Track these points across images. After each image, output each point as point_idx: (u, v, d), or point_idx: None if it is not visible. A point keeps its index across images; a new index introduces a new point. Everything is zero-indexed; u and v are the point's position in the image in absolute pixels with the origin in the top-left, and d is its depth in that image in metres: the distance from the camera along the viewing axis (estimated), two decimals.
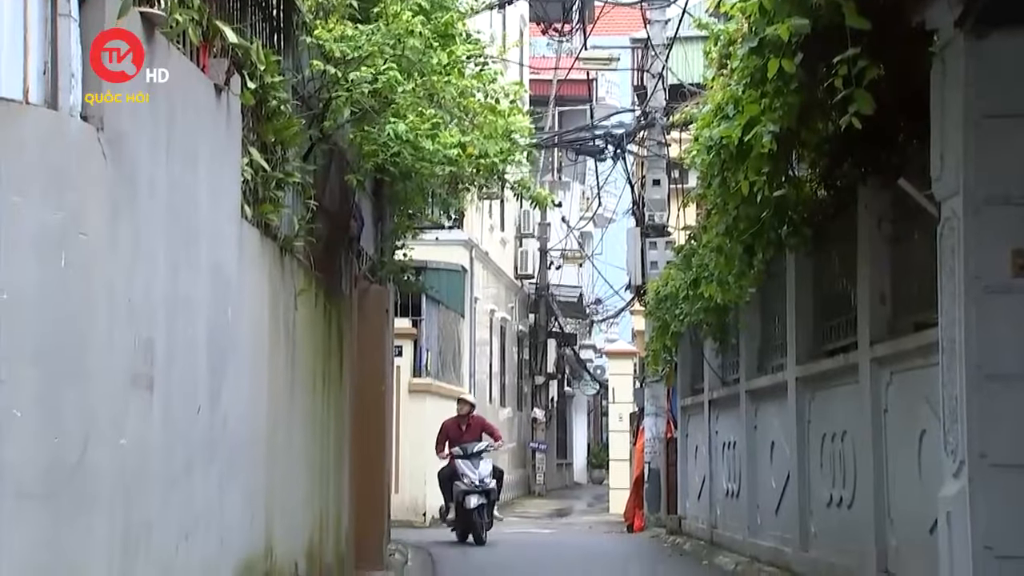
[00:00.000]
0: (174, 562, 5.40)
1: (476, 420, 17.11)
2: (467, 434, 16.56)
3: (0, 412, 4.01)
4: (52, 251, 4.24)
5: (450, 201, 13.86)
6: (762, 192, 8.50)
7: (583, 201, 36.10)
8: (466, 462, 15.99)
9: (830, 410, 9.88)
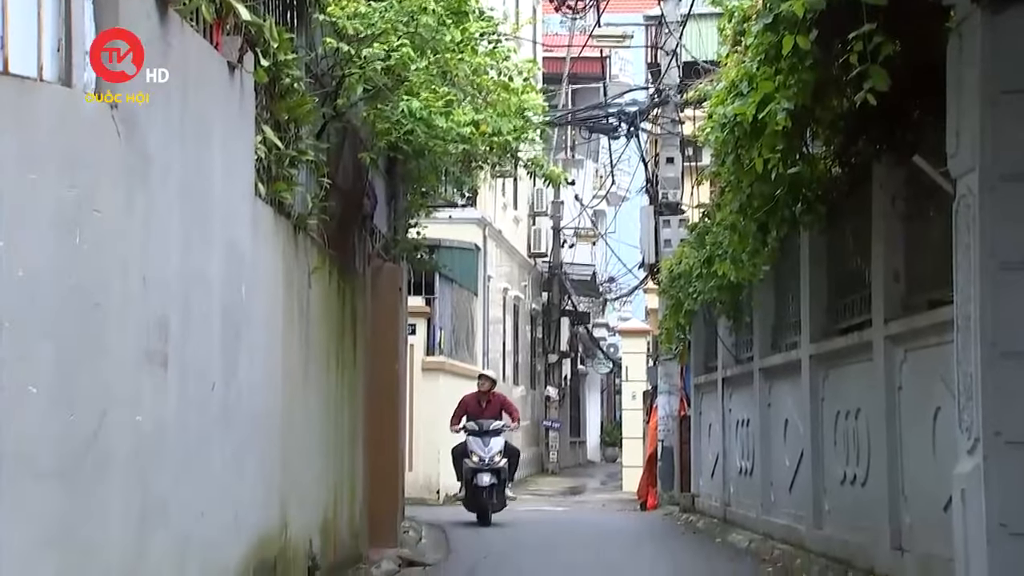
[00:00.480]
0: (190, 537, 5.43)
1: (496, 397, 16.55)
2: (486, 411, 16.03)
3: (16, 388, 4.02)
4: (67, 228, 4.25)
5: (463, 179, 13.85)
6: (776, 169, 8.46)
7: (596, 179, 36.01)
8: (477, 439, 15.55)
9: (844, 388, 9.86)
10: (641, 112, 20.42)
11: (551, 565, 10.73)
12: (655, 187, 20.00)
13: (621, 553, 11.96)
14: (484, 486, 15.18)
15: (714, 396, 15.46)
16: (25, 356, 4.05)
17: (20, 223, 4.09)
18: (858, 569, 8.97)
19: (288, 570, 7.28)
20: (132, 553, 4.73)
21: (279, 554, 7.10)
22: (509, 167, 13.43)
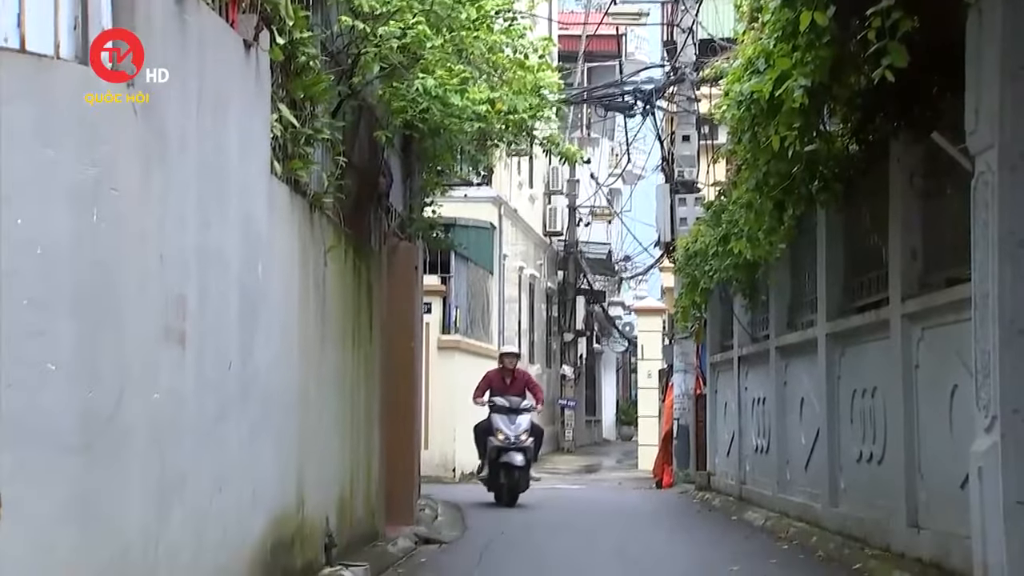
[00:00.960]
0: (208, 513, 5.46)
1: (521, 374, 15.94)
2: (511, 388, 15.36)
3: (36, 365, 4.05)
4: (85, 206, 4.27)
5: (479, 158, 13.84)
6: (793, 147, 8.43)
7: (612, 157, 35.96)
8: (503, 416, 14.81)
9: (860, 366, 9.85)
10: (657, 90, 20.35)
11: (567, 542, 10.75)
12: (671, 165, 19.96)
13: (637, 531, 11.99)
14: (517, 465, 14.56)
15: (730, 374, 15.46)
16: (45, 332, 4.07)
17: (38, 201, 4.11)
18: (874, 547, 8.98)
19: (305, 546, 7.32)
20: (151, 527, 4.77)
21: (296, 531, 7.14)
22: (525, 145, 13.39)
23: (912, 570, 7.84)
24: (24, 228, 4.06)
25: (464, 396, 20.57)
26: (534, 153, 22.01)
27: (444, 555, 9.92)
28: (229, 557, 5.80)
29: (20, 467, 3.97)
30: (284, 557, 6.83)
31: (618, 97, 21.14)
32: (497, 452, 14.63)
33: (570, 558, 9.76)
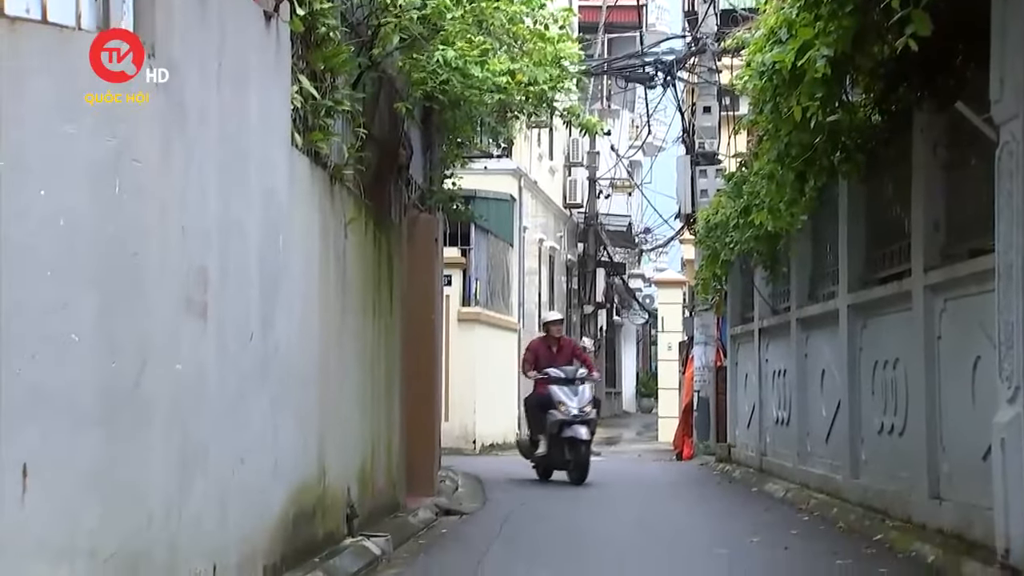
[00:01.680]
0: (230, 483, 5.49)
1: (567, 342, 15.14)
2: (558, 357, 14.42)
3: (59, 336, 4.07)
4: (106, 178, 4.28)
5: (499, 129, 13.79)
6: (815, 118, 8.37)
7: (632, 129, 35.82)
8: (563, 388, 13.68)
9: (882, 338, 9.81)
10: (678, 61, 20.24)
11: (588, 513, 10.78)
12: (692, 137, 19.87)
13: (657, 502, 12.02)
14: (583, 439, 13.41)
15: (750, 346, 15.43)
16: (67, 304, 4.09)
17: (60, 173, 4.12)
18: (895, 518, 8.97)
19: (326, 517, 7.36)
20: (174, 497, 4.80)
21: (317, 501, 7.18)
22: (545, 117, 13.36)
23: (933, 541, 7.83)
24: (46, 200, 4.08)
25: (485, 368, 20.65)
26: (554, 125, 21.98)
27: (465, 526, 9.97)
28: (251, 527, 5.83)
29: (44, 438, 4.00)
30: (306, 527, 6.87)
31: (638, 68, 21.04)
32: (559, 426, 13.46)
33: (590, 529, 9.79)
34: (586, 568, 7.63)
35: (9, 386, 3.95)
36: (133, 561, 4.37)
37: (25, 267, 4.02)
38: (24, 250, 4.02)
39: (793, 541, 8.92)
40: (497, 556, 8.12)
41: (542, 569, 7.53)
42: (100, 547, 4.15)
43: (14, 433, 3.94)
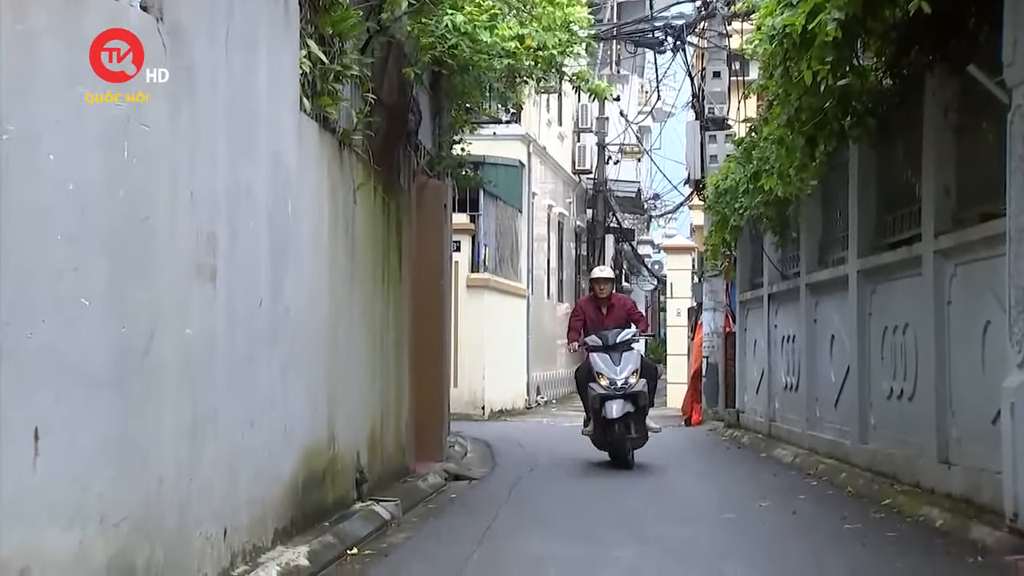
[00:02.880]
0: (240, 448, 5.52)
1: (619, 300, 13.00)
2: (609, 318, 12.48)
3: (71, 301, 4.07)
4: (116, 142, 4.27)
5: (508, 95, 13.77)
6: (825, 82, 8.33)
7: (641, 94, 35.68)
8: (603, 356, 11.91)
9: (892, 303, 9.80)
10: (688, 26, 20.14)
11: (596, 479, 10.82)
12: (701, 102, 19.79)
13: (666, 467, 12.04)
14: (614, 418, 11.58)
15: (760, 312, 15.42)
16: (78, 268, 4.09)
17: (69, 137, 4.11)
18: (904, 483, 8.99)
19: (336, 482, 7.40)
20: (185, 461, 4.82)
21: (327, 466, 7.21)
22: (554, 82, 13.31)
23: (942, 505, 7.85)
24: (56, 164, 4.07)
25: (494, 334, 20.68)
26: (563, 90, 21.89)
27: (473, 491, 10.01)
28: (262, 492, 5.86)
29: (56, 401, 4.01)
30: (316, 492, 6.90)
31: (648, 33, 20.94)
32: (601, 401, 11.72)
33: (599, 494, 9.82)
34: (594, 532, 7.67)
35: (20, 350, 3.95)
36: (144, 524, 4.40)
37: (36, 231, 4.02)
38: (34, 214, 4.02)
39: (801, 505, 8.95)
40: (506, 521, 8.16)
41: (550, 534, 7.56)
42: (111, 511, 4.17)
43: (26, 397, 3.95)
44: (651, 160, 33.90)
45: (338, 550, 6.55)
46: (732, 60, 19.51)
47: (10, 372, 3.94)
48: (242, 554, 5.52)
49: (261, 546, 5.81)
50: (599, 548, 7.02)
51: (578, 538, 7.44)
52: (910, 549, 6.89)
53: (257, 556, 5.71)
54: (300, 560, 5.94)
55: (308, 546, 6.19)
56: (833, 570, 6.32)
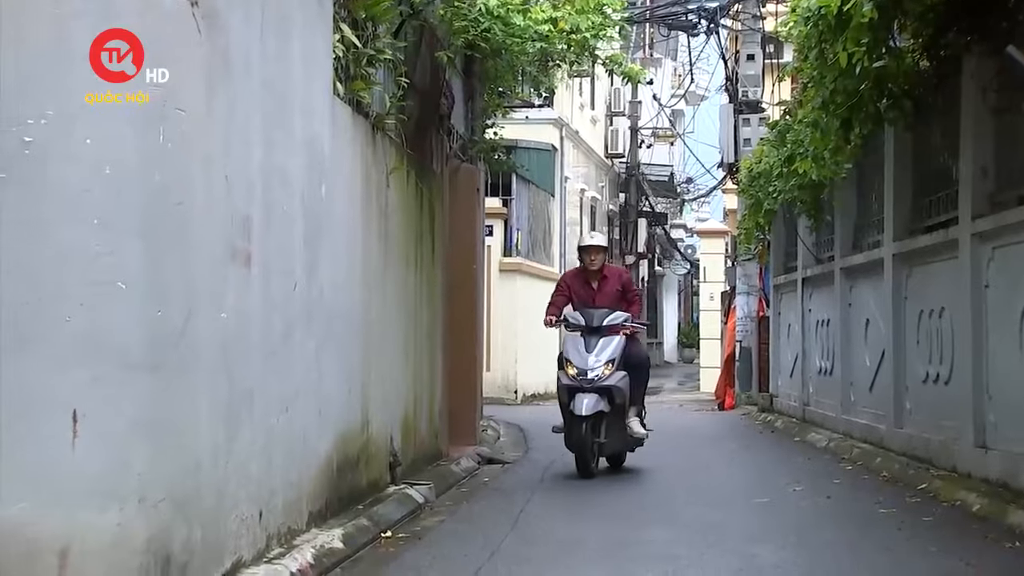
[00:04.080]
0: (275, 430, 5.55)
1: (613, 273, 10.71)
2: (600, 295, 10.35)
3: (107, 284, 4.10)
4: (151, 126, 4.29)
5: (540, 79, 13.71)
6: (861, 64, 8.26)
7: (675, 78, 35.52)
8: (577, 339, 9.97)
9: (928, 286, 9.73)
10: (721, 8, 19.99)
11: (630, 462, 10.81)
12: (735, 85, 19.68)
13: (700, 451, 12.03)
14: (582, 415, 9.47)
15: (793, 296, 15.35)
16: (114, 252, 4.12)
17: (106, 121, 4.13)
18: (940, 468, 8.94)
19: (370, 465, 7.43)
20: (221, 443, 4.85)
21: (361, 449, 7.24)
22: (587, 66, 13.25)
23: (979, 490, 7.79)
24: (92, 148, 4.10)
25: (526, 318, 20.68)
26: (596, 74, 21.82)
27: (507, 475, 10.03)
28: (297, 474, 5.90)
29: (94, 384, 4.05)
30: (350, 475, 6.94)
31: (681, 15, 20.81)
32: (568, 394, 9.69)
33: (631, 477, 9.82)
34: (627, 515, 7.67)
35: (58, 333, 3.99)
36: (183, 505, 4.43)
37: (73, 215, 4.06)
38: (71, 198, 4.05)
39: (836, 490, 8.91)
40: (539, 504, 8.17)
41: (583, 517, 7.57)
42: (150, 492, 4.20)
43: (64, 379, 3.99)
44: (684, 144, 33.77)
45: (372, 533, 6.59)
46: (766, 42, 19.38)
47: (49, 355, 3.98)
48: (277, 536, 5.55)
49: (296, 528, 5.85)
50: (632, 531, 7.02)
51: (611, 521, 7.44)
52: (946, 534, 6.85)
53: (292, 538, 5.75)
54: (335, 543, 5.97)
55: (343, 529, 6.23)
56: (868, 555, 6.30)
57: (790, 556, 6.24)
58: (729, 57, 20.54)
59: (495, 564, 6.00)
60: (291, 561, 5.36)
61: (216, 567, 4.77)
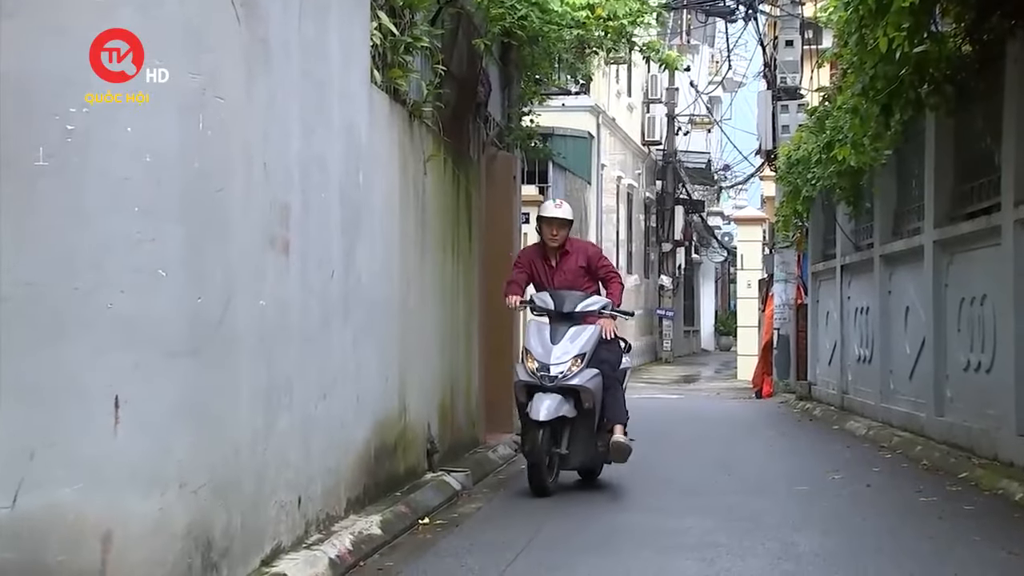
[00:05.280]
0: (314, 417, 5.57)
1: (577, 248, 8.72)
2: (557, 273, 8.53)
3: (147, 271, 4.12)
4: (191, 114, 4.30)
5: (577, 66, 13.68)
6: (901, 49, 8.18)
7: (712, 64, 35.34)
8: (541, 327, 8.25)
9: (969, 274, 9.64)
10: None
11: (668, 450, 10.79)
12: (773, 71, 19.56)
13: (737, 439, 11.98)
14: (539, 420, 7.75)
15: (832, 284, 15.25)
16: (155, 239, 4.14)
17: (146, 108, 4.15)
18: (981, 456, 8.86)
19: (408, 452, 7.45)
20: (260, 430, 4.88)
21: (399, 436, 7.26)
22: (624, 53, 13.21)
23: (1022, 479, 7.72)
24: (133, 136, 4.12)
25: None
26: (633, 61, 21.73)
27: None
28: (335, 461, 5.92)
29: (135, 370, 4.07)
30: (387, 462, 6.96)
31: (719, 1, 20.71)
32: (527, 393, 8.02)
33: (671, 466, 9.80)
34: (665, 502, 7.65)
35: (100, 319, 4.02)
36: (223, 491, 4.46)
37: (114, 203, 4.08)
38: (112, 186, 4.08)
39: (875, 478, 8.86)
40: (576, 492, 8.16)
41: (620, 504, 7.56)
42: (190, 478, 4.23)
43: (106, 365, 4.02)
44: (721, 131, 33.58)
45: (410, 520, 6.61)
46: (805, 28, 19.24)
47: (91, 341, 4.01)
48: (316, 522, 5.58)
49: (334, 515, 5.88)
50: (670, 518, 7.00)
51: (649, 508, 7.43)
52: (989, 523, 6.79)
53: (330, 525, 5.77)
54: (373, 529, 5.99)
55: (380, 515, 6.25)
56: (910, 543, 6.25)
57: (830, 544, 6.21)
58: (767, 43, 20.41)
59: (532, 550, 6.01)
60: (330, 547, 5.39)
61: (256, 553, 4.80)
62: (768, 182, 23.09)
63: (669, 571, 5.54)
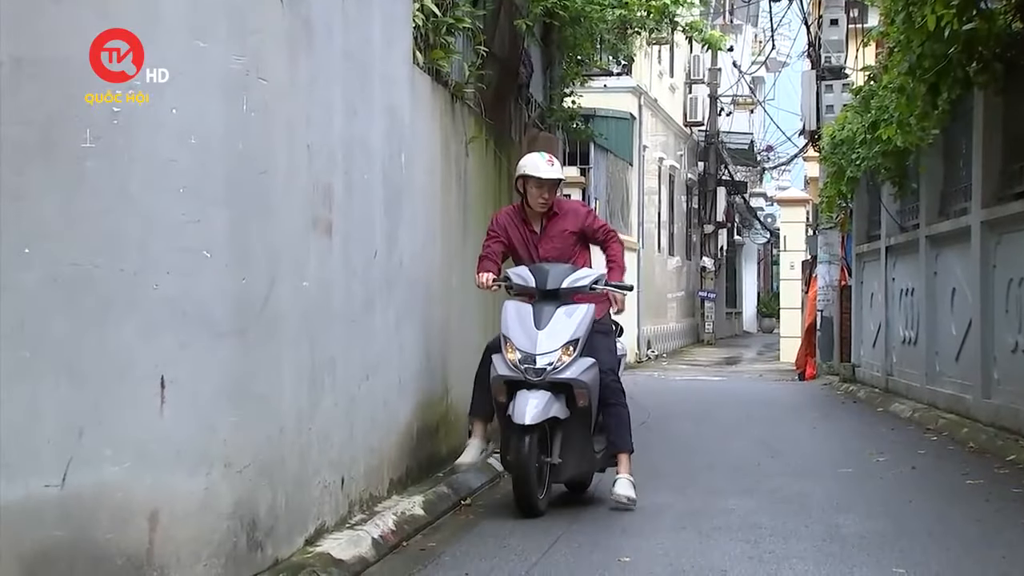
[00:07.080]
0: (357, 397, 5.59)
1: (567, 210, 7.16)
2: (543, 240, 7.01)
3: (193, 252, 4.14)
4: (235, 95, 4.31)
5: (619, 46, 13.65)
6: (950, 26, 8.08)
7: (755, 44, 35.07)
8: (522, 308, 6.67)
9: (1018, 254, 9.51)
10: None
11: (710, 431, 10.75)
12: (817, 51, 19.38)
13: (780, 421, 11.92)
14: (525, 424, 6.28)
15: (877, 265, 15.12)
16: (200, 220, 4.15)
17: (191, 90, 4.16)
18: None
19: (450, 433, 7.46)
20: (304, 410, 4.90)
21: (441, 418, 7.28)
22: (666, 33, 13.14)
23: None
24: (178, 118, 4.13)
25: None
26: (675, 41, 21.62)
27: None
28: (378, 441, 5.95)
29: (181, 350, 4.10)
30: (430, 443, 6.98)
31: None
32: (507, 390, 6.52)
33: (713, 446, 9.77)
34: (707, 483, 7.63)
35: (146, 300, 4.05)
36: (268, 471, 4.48)
37: (159, 184, 4.10)
38: (158, 167, 4.10)
39: (921, 461, 8.79)
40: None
41: (663, 484, 7.54)
42: (235, 457, 4.26)
43: (152, 346, 4.05)
44: (764, 111, 33.35)
45: (452, 500, 6.62)
46: (850, 7, 19.06)
47: (138, 322, 4.04)
48: (359, 503, 5.61)
49: (377, 495, 5.91)
50: (713, 499, 6.99)
51: (691, 489, 7.41)
52: None
53: (374, 505, 5.80)
54: (415, 510, 6.02)
55: (423, 496, 6.27)
56: (957, 525, 6.20)
57: (876, 526, 6.17)
58: (811, 22, 20.23)
59: (573, 532, 6.01)
60: (373, 527, 5.42)
61: (300, 532, 4.83)
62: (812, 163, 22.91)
63: (711, 552, 5.53)
